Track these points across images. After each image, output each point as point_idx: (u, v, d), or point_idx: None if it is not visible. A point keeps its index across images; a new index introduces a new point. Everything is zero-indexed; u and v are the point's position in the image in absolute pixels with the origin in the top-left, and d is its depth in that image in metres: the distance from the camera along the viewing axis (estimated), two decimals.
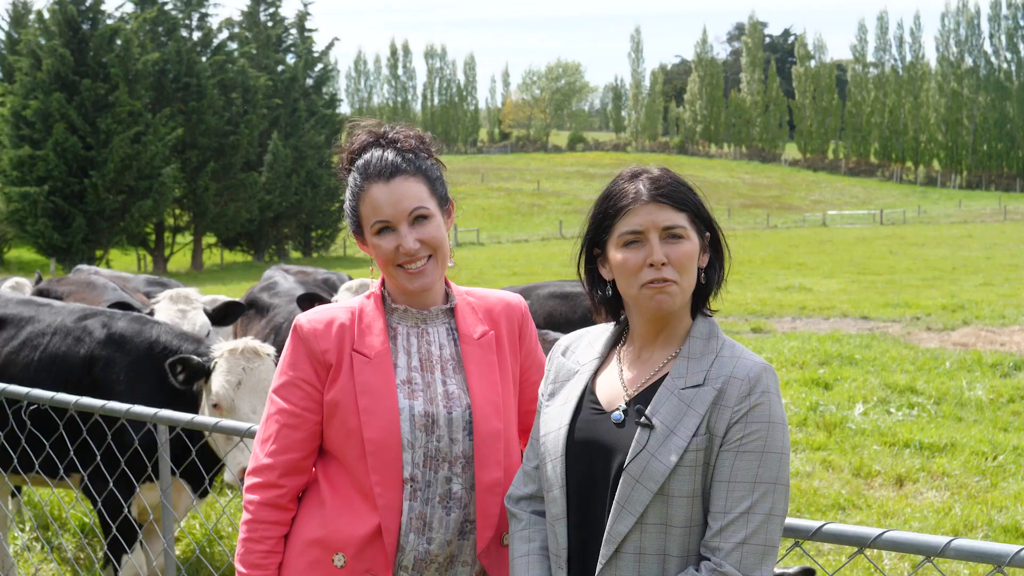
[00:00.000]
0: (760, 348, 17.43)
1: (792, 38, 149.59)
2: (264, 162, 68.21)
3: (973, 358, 15.67)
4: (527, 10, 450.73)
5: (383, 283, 3.49)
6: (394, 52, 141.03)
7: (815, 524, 3.00)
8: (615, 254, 2.94)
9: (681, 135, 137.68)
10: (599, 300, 3.11)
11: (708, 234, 2.99)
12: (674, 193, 2.91)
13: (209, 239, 69.47)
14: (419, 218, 3.32)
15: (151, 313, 8.03)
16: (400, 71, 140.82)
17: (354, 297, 3.75)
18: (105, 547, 6.83)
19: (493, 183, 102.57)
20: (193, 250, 67.34)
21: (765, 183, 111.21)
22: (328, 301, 7.85)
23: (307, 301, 7.94)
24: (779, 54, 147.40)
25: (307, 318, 3.43)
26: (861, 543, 2.92)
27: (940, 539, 2.78)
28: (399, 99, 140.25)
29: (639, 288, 2.89)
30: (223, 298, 9.03)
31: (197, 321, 8.16)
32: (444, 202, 3.44)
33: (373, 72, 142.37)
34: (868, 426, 11.66)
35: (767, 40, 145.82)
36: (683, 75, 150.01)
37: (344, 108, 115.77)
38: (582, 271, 3.13)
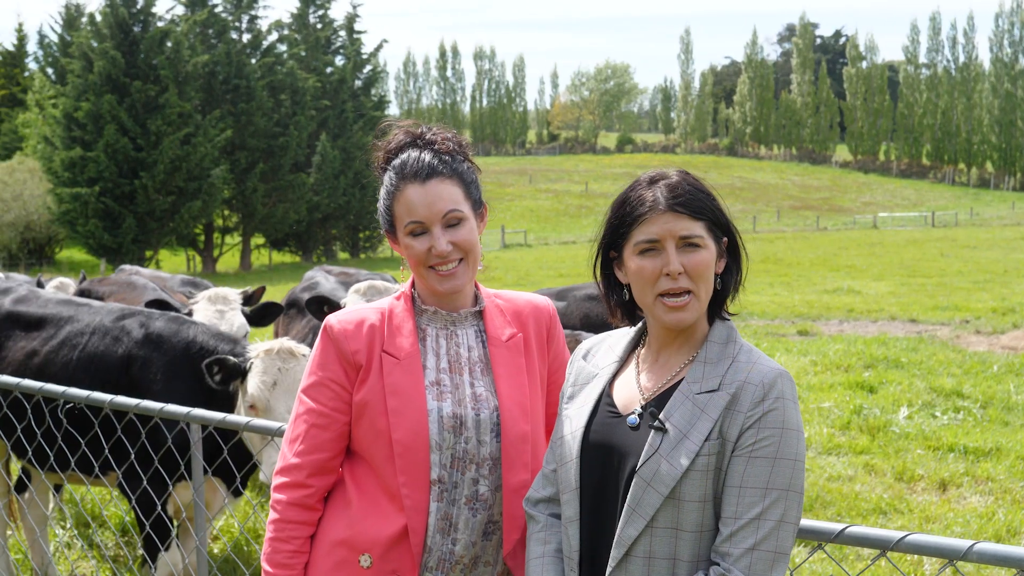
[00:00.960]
0: (805, 351, 17.31)
1: (843, 39, 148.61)
2: (312, 163, 68.52)
3: (1021, 362, 15.49)
4: (576, 11, 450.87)
5: (413, 284, 3.50)
6: (443, 54, 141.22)
7: (837, 527, 2.98)
8: (631, 261, 2.93)
9: (730, 137, 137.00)
10: (615, 303, 3.11)
11: (726, 239, 2.97)
12: (692, 201, 2.88)
13: (258, 240, 69.90)
14: (453, 221, 3.32)
15: (190, 313, 8.05)
16: (449, 73, 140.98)
17: (369, 297, 3.74)
18: (141, 545, 6.88)
19: (541, 184, 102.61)
20: (242, 251, 67.78)
21: (815, 185, 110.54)
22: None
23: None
24: (830, 55, 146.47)
25: (337, 319, 3.43)
26: (883, 546, 2.89)
27: (963, 543, 2.76)
28: (448, 100, 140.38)
29: (655, 298, 2.89)
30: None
31: (235, 322, 8.18)
32: (478, 206, 3.44)
33: (422, 74, 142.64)
34: (912, 430, 11.54)
35: (818, 41, 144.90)
36: (733, 76, 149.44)
37: (393, 110, 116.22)
38: (598, 274, 3.12)
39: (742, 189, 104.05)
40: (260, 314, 8.36)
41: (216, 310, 8.27)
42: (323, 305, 7.78)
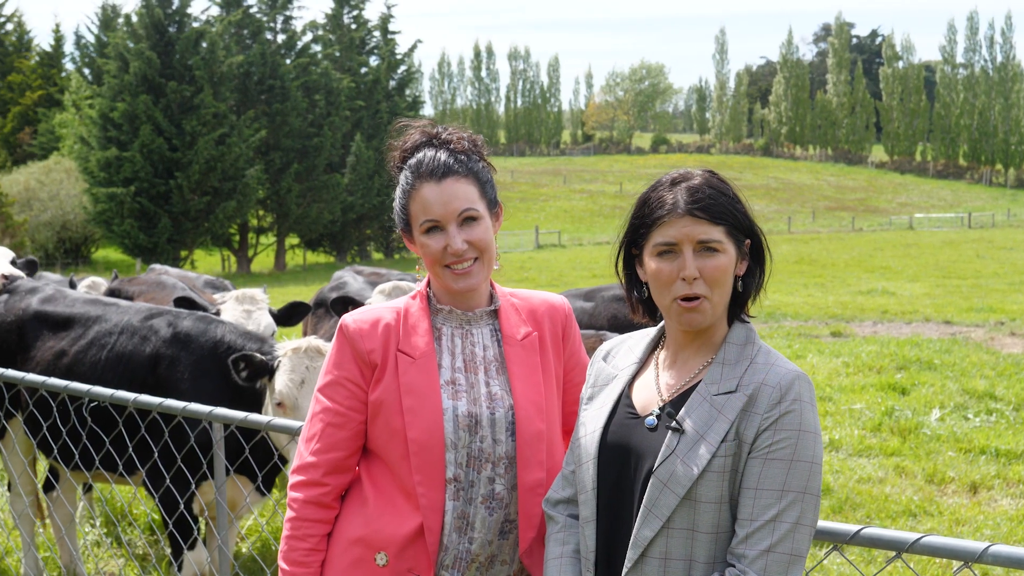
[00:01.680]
0: (838, 352, 17.24)
1: (879, 39, 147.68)
2: (347, 164, 68.66)
3: None
4: (611, 12, 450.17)
5: (428, 283, 3.51)
6: (478, 54, 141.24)
7: (853, 528, 2.97)
8: (650, 262, 2.93)
9: (766, 137, 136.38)
10: (636, 300, 3.11)
11: (749, 240, 2.96)
12: (712, 206, 2.87)
13: (292, 240, 70.12)
14: (468, 219, 3.34)
15: (217, 313, 8.09)
16: (484, 73, 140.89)
17: (394, 298, 3.76)
18: (166, 544, 6.91)
19: (575, 185, 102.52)
20: (276, 251, 68.02)
21: (851, 185, 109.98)
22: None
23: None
24: (866, 55, 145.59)
25: (353, 318, 3.45)
26: (898, 548, 2.88)
27: (978, 545, 2.75)
28: (482, 101, 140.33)
29: (671, 300, 2.90)
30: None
31: (262, 321, 8.21)
32: (493, 205, 3.45)
33: (457, 74, 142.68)
34: (944, 432, 11.48)
35: (854, 41, 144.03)
36: (768, 76, 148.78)
37: (427, 110, 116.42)
38: (620, 271, 3.12)
39: (777, 190, 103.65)
40: (287, 314, 8.38)
41: (243, 310, 8.31)
42: (347, 305, 7.83)
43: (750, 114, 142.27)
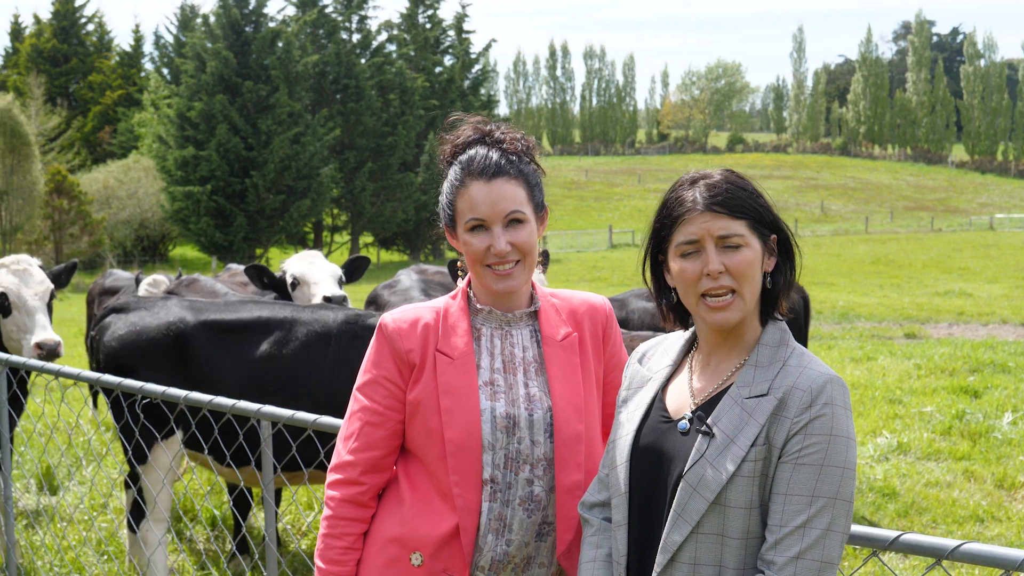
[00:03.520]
0: (910, 354, 17.00)
1: (961, 37, 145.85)
2: (420, 163, 68.88)
3: None
4: (687, 10, 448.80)
5: (469, 283, 3.50)
6: (553, 53, 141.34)
7: (892, 534, 2.90)
8: (674, 263, 2.91)
9: (843, 136, 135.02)
10: (666, 306, 3.07)
11: (775, 236, 2.91)
12: (731, 200, 2.84)
13: (366, 238, 70.48)
14: (514, 221, 3.32)
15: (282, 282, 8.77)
16: (559, 72, 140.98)
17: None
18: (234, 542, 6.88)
19: (650, 184, 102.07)
20: (350, 249, 68.38)
21: (930, 185, 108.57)
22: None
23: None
24: (947, 53, 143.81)
25: (392, 317, 3.45)
26: (937, 555, 2.81)
27: (1018, 553, 2.67)
28: (557, 100, 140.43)
29: (698, 299, 2.87)
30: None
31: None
32: (540, 209, 3.43)
33: (532, 73, 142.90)
34: (1015, 436, 11.25)
35: (934, 39, 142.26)
36: (846, 75, 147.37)
37: (501, 109, 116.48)
38: (648, 278, 3.09)
39: (855, 189, 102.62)
40: (349, 269, 9.07)
41: (308, 262, 8.97)
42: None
43: (828, 113, 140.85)
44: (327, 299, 8.24)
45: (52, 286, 7.87)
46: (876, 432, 11.65)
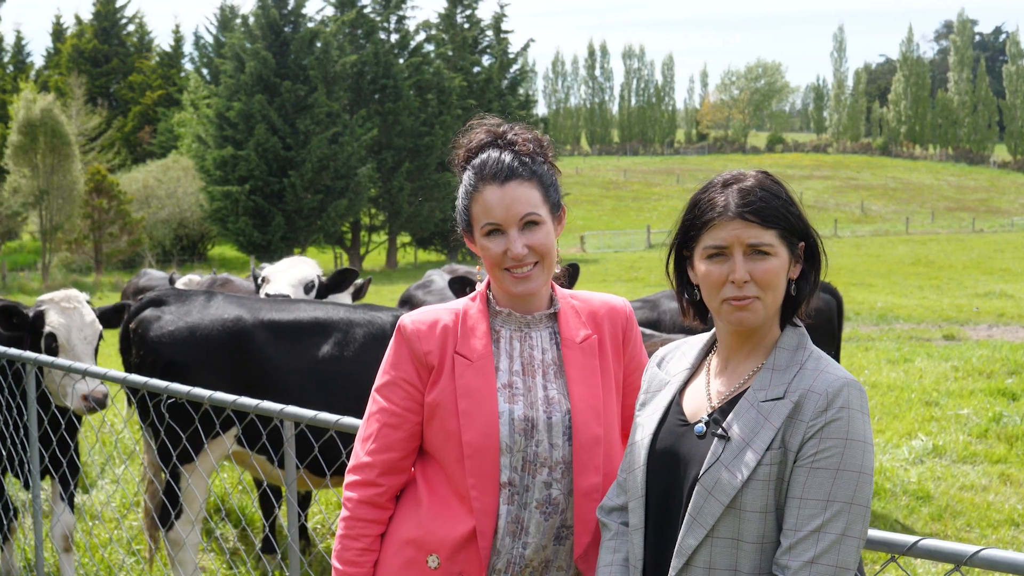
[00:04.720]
0: (947, 356, 16.84)
1: (1003, 36, 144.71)
2: None
3: None
4: (726, 10, 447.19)
5: (488, 285, 3.49)
6: (591, 53, 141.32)
7: (910, 539, 2.86)
8: (700, 264, 2.89)
9: (884, 136, 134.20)
10: (687, 302, 3.06)
11: (804, 243, 2.89)
12: (763, 209, 2.81)
13: (404, 238, 70.53)
14: (530, 224, 3.31)
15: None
16: (597, 72, 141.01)
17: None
18: (259, 542, 6.86)
19: (688, 184, 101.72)
20: (388, 249, 68.47)
21: (972, 186, 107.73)
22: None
23: (458, 284, 8.50)
24: (989, 53, 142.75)
25: (411, 319, 3.44)
26: (956, 560, 2.76)
27: None
28: (596, 100, 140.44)
29: (720, 302, 2.85)
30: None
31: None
32: (556, 209, 3.41)
33: (571, 73, 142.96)
34: None
35: (977, 38, 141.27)
36: (887, 75, 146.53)
37: (540, 109, 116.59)
38: (671, 272, 3.07)
39: (896, 189, 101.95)
40: (336, 280, 9.06)
41: (285, 266, 9.17)
42: (465, 286, 8.46)
43: (868, 113, 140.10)
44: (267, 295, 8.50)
45: (101, 328, 7.36)
46: (911, 435, 11.55)
